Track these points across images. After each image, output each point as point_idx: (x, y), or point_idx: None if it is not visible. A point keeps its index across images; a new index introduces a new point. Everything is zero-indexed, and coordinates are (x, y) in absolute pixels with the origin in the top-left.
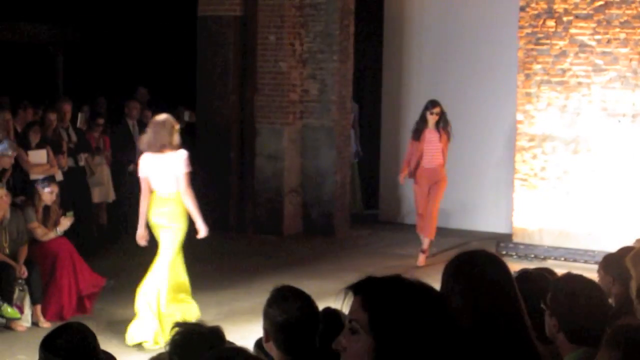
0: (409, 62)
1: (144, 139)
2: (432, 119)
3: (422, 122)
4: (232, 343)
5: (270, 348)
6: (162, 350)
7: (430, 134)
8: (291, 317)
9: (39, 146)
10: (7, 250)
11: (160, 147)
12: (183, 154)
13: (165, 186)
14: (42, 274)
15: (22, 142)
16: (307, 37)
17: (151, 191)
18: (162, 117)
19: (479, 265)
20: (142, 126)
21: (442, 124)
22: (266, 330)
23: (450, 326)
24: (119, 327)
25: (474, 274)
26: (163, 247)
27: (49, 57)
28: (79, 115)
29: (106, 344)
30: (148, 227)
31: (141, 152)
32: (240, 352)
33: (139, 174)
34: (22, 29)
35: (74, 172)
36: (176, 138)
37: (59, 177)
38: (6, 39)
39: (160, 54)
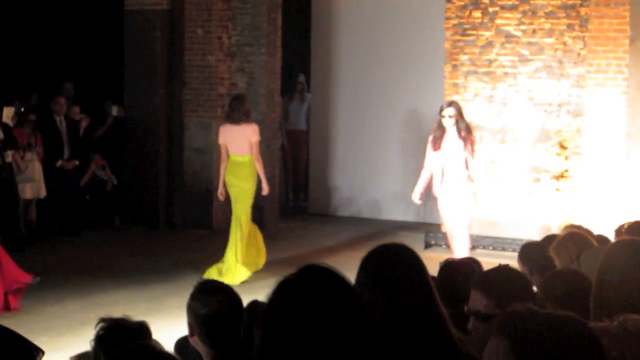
0: (337, 55)
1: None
2: (448, 123)
3: (438, 129)
4: (154, 340)
5: (196, 342)
6: (85, 350)
7: (450, 142)
8: (213, 310)
9: None
10: None
11: (236, 119)
12: (255, 126)
13: (240, 151)
14: None
15: None
16: (235, 30)
17: (228, 156)
18: (239, 93)
19: (387, 258)
20: (69, 121)
21: (462, 127)
22: (190, 324)
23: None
24: (48, 323)
25: (382, 267)
26: (235, 202)
27: None
28: (4, 110)
29: (35, 340)
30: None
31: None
32: (147, 348)
33: (219, 141)
34: None
35: (1, 168)
36: (250, 112)
37: None
38: None
39: (87, 49)
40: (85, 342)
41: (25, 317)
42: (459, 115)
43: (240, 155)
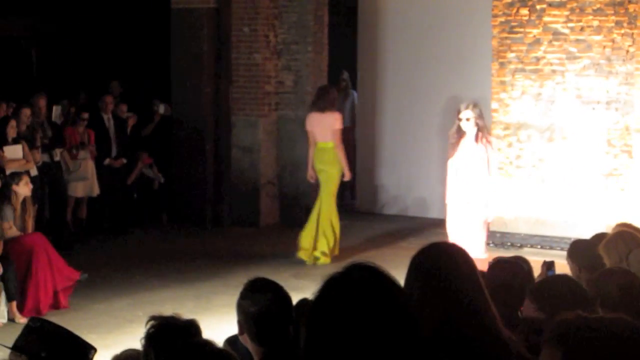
0: (383, 52)
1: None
2: (465, 126)
3: (456, 132)
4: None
5: (245, 340)
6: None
7: (467, 145)
8: (263, 308)
9: (15, 141)
10: None
11: (322, 108)
12: (337, 114)
13: (323, 138)
14: (18, 269)
15: None
16: (281, 29)
17: (315, 142)
18: (326, 84)
19: (437, 257)
20: (117, 120)
21: (480, 130)
22: (240, 322)
23: None
24: (96, 321)
25: (433, 267)
26: (322, 186)
27: (23, 51)
28: (54, 108)
29: (84, 338)
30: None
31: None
32: (208, 345)
33: (306, 128)
34: None
35: (49, 167)
36: (335, 101)
37: (34, 172)
38: None
39: (135, 47)
40: (133, 340)
41: (74, 314)
42: (479, 117)
43: (323, 142)
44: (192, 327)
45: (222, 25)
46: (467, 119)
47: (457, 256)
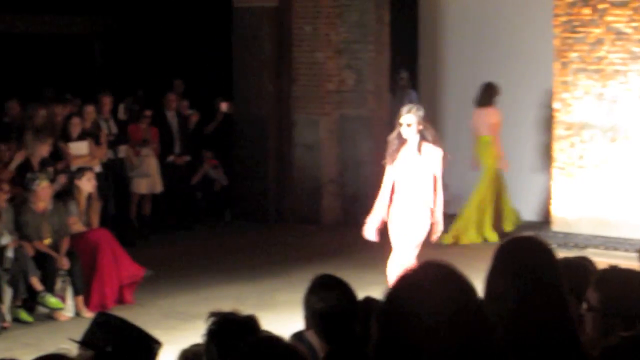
0: (444, 52)
1: None
2: (406, 133)
3: (397, 139)
4: (267, 331)
5: (311, 336)
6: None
7: (408, 155)
8: (330, 305)
9: (80, 138)
10: (49, 242)
11: (481, 103)
12: (494, 110)
13: (482, 132)
14: (84, 264)
15: (63, 134)
16: (343, 27)
17: (476, 136)
18: (489, 82)
19: (522, 250)
20: (180, 117)
21: (423, 138)
22: (306, 318)
23: None
24: (160, 316)
25: (518, 262)
26: (481, 177)
27: (87, 49)
28: (120, 106)
29: (149, 333)
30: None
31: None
32: (277, 340)
33: (473, 124)
34: (59, 22)
35: (114, 163)
36: (495, 97)
37: (98, 168)
38: (45, 31)
39: (197, 45)
40: (197, 336)
41: (139, 309)
42: (422, 123)
43: (481, 135)
44: (251, 323)
45: (283, 24)
46: (408, 125)
47: (543, 252)
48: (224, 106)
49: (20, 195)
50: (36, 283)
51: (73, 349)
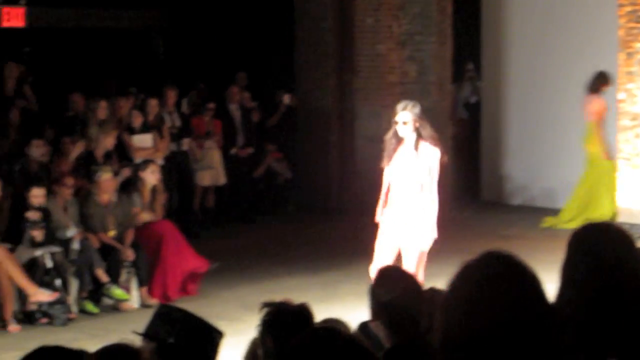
0: (507, 42)
1: None
2: (403, 131)
3: (393, 138)
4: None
5: (377, 327)
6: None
7: (405, 154)
8: (396, 297)
9: (143, 131)
10: (114, 234)
11: (590, 90)
12: (595, 97)
13: (586, 118)
14: (148, 256)
15: (127, 127)
16: (405, 19)
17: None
18: (601, 70)
19: (603, 238)
20: (243, 110)
21: (420, 136)
22: (372, 309)
23: None
24: (224, 308)
25: (596, 247)
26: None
27: (151, 42)
28: (183, 100)
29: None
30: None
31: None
32: (334, 332)
33: None
34: (122, 16)
35: (177, 156)
36: (599, 86)
37: (161, 161)
38: (108, 26)
39: (259, 38)
40: None
41: (202, 301)
42: (419, 120)
43: (587, 122)
44: (304, 312)
45: (346, 16)
46: (404, 123)
47: (620, 239)
48: (286, 98)
49: (85, 188)
50: (101, 274)
51: (137, 340)
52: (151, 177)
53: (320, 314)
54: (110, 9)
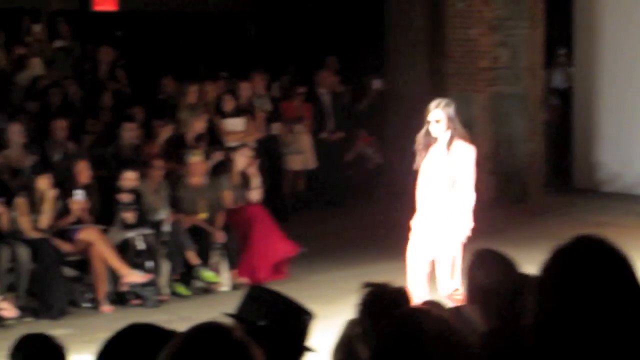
0: (600, 27)
1: None
2: (435, 130)
3: (425, 137)
4: (431, 301)
5: (473, 310)
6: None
7: (438, 153)
8: (493, 281)
9: (234, 115)
10: (205, 216)
11: None
12: None
13: None
14: (238, 239)
15: (217, 111)
16: (496, 4)
17: None
18: None
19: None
20: (333, 94)
21: (454, 134)
22: (469, 292)
23: None
24: (316, 291)
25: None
26: None
27: (240, 27)
28: (273, 84)
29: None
30: None
31: None
32: (425, 312)
33: None
34: (214, 0)
35: (267, 140)
36: None
37: (253, 144)
38: (199, 10)
39: (349, 22)
40: (352, 310)
41: (293, 284)
42: (452, 119)
43: None
44: (402, 294)
45: (436, 1)
46: (437, 121)
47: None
48: (376, 83)
49: (176, 171)
50: (192, 257)
51: (228, 321)
52: (242, 160)
53: None
54: None
